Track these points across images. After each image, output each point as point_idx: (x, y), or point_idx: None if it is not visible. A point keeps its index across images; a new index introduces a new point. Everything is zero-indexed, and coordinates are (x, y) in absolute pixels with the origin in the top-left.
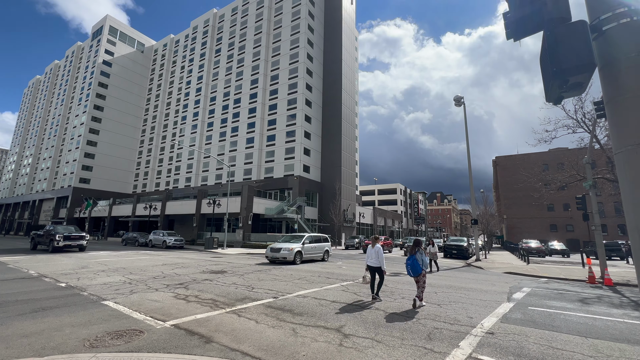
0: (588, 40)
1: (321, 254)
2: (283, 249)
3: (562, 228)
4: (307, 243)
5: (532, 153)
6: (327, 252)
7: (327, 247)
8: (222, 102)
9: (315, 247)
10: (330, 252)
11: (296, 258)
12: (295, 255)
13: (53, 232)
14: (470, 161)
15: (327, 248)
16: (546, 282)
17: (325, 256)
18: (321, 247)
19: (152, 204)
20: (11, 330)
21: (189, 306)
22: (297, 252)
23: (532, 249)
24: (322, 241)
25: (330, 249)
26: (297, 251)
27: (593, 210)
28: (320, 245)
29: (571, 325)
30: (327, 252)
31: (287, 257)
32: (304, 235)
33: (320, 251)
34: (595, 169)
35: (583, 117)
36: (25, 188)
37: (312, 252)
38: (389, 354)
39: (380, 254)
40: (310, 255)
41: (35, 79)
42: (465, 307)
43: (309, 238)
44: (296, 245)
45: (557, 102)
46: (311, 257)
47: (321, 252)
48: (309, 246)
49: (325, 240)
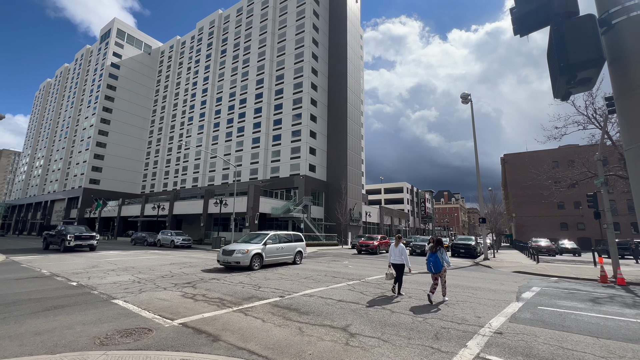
0: (597, 34)
1: (291, 256)
2: (236, 252)
3: (572, 226)
4: (271, 243)
5: (541, 150)
6: (299, 254)
7: (299, 247)
8: (228, 103)
9: (282, 248)
10: (305, 253)
11: (254, 263)
12: (253, 259)
13: (64, 232)
14: (477, 159)
15: (299, 249)
16: (556, 281)
17: (298, 258)
18: (291, 247)
19: (160, 204)
20: (24, 328)
21: (197, 305)
22: (255, 255)
23: (542, 248)
24: (294, 240)
25: (305, 250)
26: (255, 254)
27: (605, 208)
28: (290, 245)
29: (582, 325)
30: (300, 253)
31: (240, 262)
32: (267, 233)
33: (290, 253)
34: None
35: (594, 113)
36: (37, 189)
37: (277, 255)
38: (396, 354)
39: (403, 253)
40: (275, 257)
41: (45, 82)
42: (473, 306)
43: (273, 237)
44: (254, 247)
45: (565, 98)
46: (277, 260)
47: (291, 254)
48: (272, 247)
49: (297, 240)
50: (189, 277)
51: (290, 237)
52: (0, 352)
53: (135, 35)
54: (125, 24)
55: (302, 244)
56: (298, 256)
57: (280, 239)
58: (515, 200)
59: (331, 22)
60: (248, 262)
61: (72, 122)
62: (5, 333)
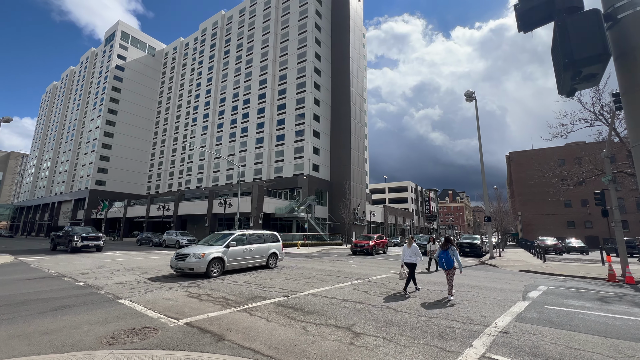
0: (602, 29)
1: (263, 259)
2: (191, 256)
3: (580, 225)
4: (236, 245)
5: (547, 148)
6: (273, 257)
7: (274, 249)
8: (232, 103)
9: (251, 250)
10: (282, 256)
11: (212, 269)
12: (211, 265)
13: (71, 233)
14: (482, 157)
15: (274, 250)
16: (563, 280)
17: (272, 261)
18: (262, 249)
19: (165, 205)
20: (33, 328)
21: (202, 305)
22: (215, 260)
23: (549, 247)
24: (267, 240)
25: (281, 252)
26: (214, 258)
27: (613, 206)
28: (261, 247)
29: (590, 324)
30: (275, 255)
31: (194, 268)
32: (233, 233)
33: (261, 255)
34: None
35: (601, 109)
36: (44, 191)
37: (245, 258)
38: (401, 353)
39: (417, 253)
40: (242, 261)
41: (52, 85)
42: (478, 306)
43: (240, 238)
44: (213, 250)
45: (570, 94)
46: (244, 264)
47: (263, 257)
48: (237, 249)
49: (272, 240)
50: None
51: (262, 237)
52: (10, 351)
53: (139, 38)
54: (129, 27)
55: (277, 244)
56: (272, 259)
57: (250, 240)
58: (521, 198)
59: (334, 21)
60: (204, 269)
61: (78, 124)
62: (14, 332)
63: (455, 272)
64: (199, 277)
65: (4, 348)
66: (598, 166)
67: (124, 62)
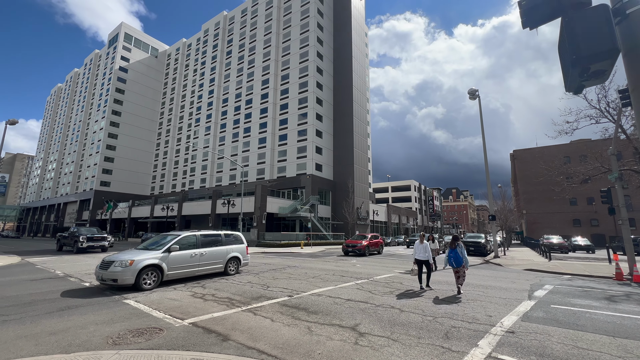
0: (610, 24)
1: (219, 265)
2: (115, 264)
3: (586, 223)
4: (178, 249)
5: (552, 145)
6: (234, 261)
7: (235, 252)
8: (234, 104)
9: (203, 254)
10: (246, 260)
11: (143, 279)
12: (142, 274)
13: (77, 234)
14: (486, 155)
15: (235, 254)
16: (570, 279)
17: (231, 267)
18: (218, 253)
19: (170, 205)
20: (40, 328)
21: (206, 305)
22: (147, 269)
23: (554, 245)
24: (226, 243)
25: (245, 255)
26: (147, 266)
27: (619, 203)
28: (217, 250)
29: (598, 324)
30: (236, 260)
31: (118, 279)
32: (179, 234)
33: (217, 260)
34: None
35: (607, 106)
36: (50, 192)
37: (193, 264)
38: (406, 353)
39: (428, 250)
40: (188, 269)
41: (56, 87)
42: (483, 305)
43: (186, 240)
44: (147, 256)
45: (578, 91)
46: (192, 271)
47: (219, 262)
48: (182, 254)
49: (233, 241)
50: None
51: (219, 239)
52: (17, 351)
53: (142, 39)
54: (132, 28)
55: (239, 247)
56: (232, 264)
57: (202, 242)
58: (525, 196)
59: (335, 20)
60: (132, 280)
61: (82, 125)
62: (22, 333)
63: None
64: (127, 289)
65: (12, 348)
66: (604, 163)
67: (127, 64)
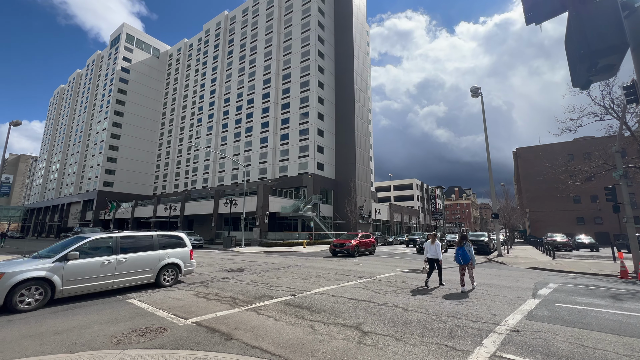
0: (619, 18)
1: (149, 275)
2: None
3: (589, 221)
4: (82, 257)
5: (555, 143)
6: (171, 269)
7: (171, 257)
8: (236, 103)
9: (120, 262)
10: (191, 267)
11: (15, 299)
12: (15, 292)
13: (81, 234)
14: (489, 154)
15: (173, 260)
16: (574, 277)
17: (166, 277)
18: (145, 260)
19: (172, 205)
20: (45, 328)
21: (210, 304)
22: (28, 284)
23: (558, 243)
24: (157, 246)
25: (189, 261)
26: (27, 280)
27: (624, 201)
28: (144, 256)
29: (603, 322)
30: (175, 267)
31: None
32: (86, 237)
33: (145, 269)
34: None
35: (611, 103)
36: (54, 192)
37: (106, 275)
38: (410, 352)
39: (438, 249)
40: (97, 281)
41: (59, 88)
42: (487, 304)
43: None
44: (31, 267)
45: (586, 86)
46: (105, 284)
47: (147, 271)
48: (88, 263)
49: (171, 244)
50: (201, 276)
51: (148, 242)
52: (22, 350)
53: (144, 40)
54: (134, 29)
55: (179, 251)
56: (168, 273)
57: (120, 246)
58: (528, 195)
59: (337, 19)
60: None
61: (85, 126)
62: (27, 332)
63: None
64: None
65: (17, 348)
66: (608, 161)
67: (130, 64)
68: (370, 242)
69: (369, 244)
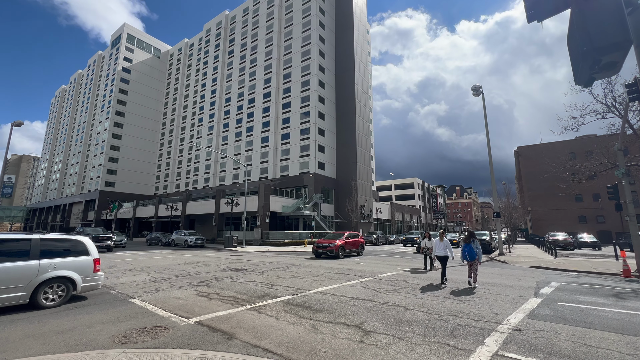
0: (622, 15)
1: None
2: None
3: (592, 219)
4: None
5: (557, 142)
6: (60, 285)
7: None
8: (237, 103)
9: None
10: (94, 282)
11: None
12: None
13: (83, 234)
14: (490, 152)
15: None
16: (576, 276)
17: (51, 294)
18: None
19: (174, 205)
20: (47, 327)
21: (211, 303)
22: None
23: (560, 242)
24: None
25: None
26: None
27: (627, 199)
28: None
29: (606, 321)
30: (67, 283)
31: None
32: None
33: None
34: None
35: (613, 101)
36: (56, 193)
37: None
38: (411, 351)
39: (449, 247)
40: None
41: (61, 88)
42: (489, 303)
43: None
44: None
45: (588, 84)
46: None
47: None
48: None
49: (60, 251)
50: (202, 276)
51: (22, 247)
52: (25, 350)
53: (145, 40)
54: (134, 29)
55: (76, 260)
56: (52, 290)
57: None
58: (530, 193)
59: (337, 18)
60: None
61: (86, 126)
62: (30, 332)
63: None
64: None
65: (20, 347)
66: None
67: (130, 64)
68: (358, 242)
69: (356, 244)
